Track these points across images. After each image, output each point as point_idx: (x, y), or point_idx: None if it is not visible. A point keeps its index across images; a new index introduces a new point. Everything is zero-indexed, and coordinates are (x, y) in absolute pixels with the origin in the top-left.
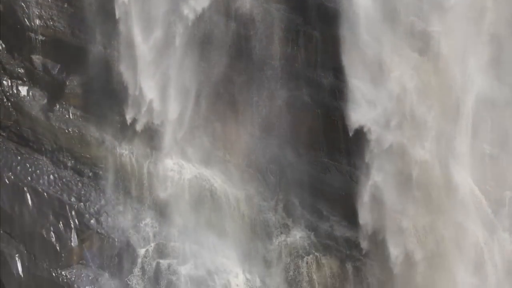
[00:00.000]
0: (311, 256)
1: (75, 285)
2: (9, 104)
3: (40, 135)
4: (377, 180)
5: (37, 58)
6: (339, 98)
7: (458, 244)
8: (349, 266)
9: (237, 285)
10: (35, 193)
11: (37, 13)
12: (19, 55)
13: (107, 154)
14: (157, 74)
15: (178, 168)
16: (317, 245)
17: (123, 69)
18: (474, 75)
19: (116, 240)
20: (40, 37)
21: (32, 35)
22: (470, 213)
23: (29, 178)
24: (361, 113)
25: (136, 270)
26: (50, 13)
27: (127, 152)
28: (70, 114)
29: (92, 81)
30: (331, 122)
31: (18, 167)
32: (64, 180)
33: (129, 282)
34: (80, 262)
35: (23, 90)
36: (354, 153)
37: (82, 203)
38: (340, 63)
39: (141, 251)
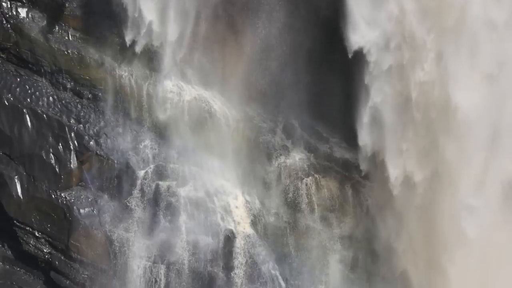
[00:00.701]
0: (310, 177)
1: (75, 207)
2: (9, 26)
3: (39, 56)
4: (376, 101)
5: None
6: (338, 20)
7: (458, 165)
8: (348, 188)
9: (237, 207)
10: (34, 114)
11: None
12: None
13: (106, 75)
14: None
15: (178, 90)
16: (317, 166)
17: None
18: None
19: (116, 161)
20: None
21: None
22: (470, 134)
23: (28, 99)
24: (360, 35)
25: (136, 192)
26: None
27: (126, 74)
28: (70, 36)
29: (91, 3)
30: (330, 44)
31: (17, 89)
32: (63, 101)
33: (128, 204)
34: (80, 183)
35: (23, 12)
36: (354, 75)
37: (81, 125)
38: None
39: (141, 173)
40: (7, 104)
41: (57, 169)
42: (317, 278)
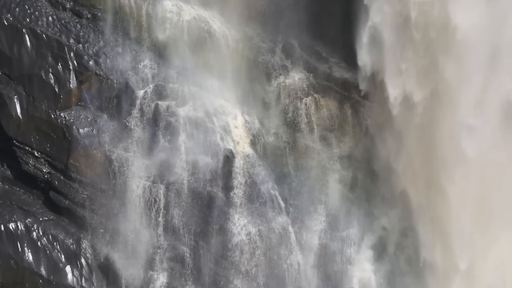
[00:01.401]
0: (309, 97)
1: (74, 127)
2: None
3: None
4: (375, 21)
5: None
6: None
7: (457, 84)
8: (347, 108)
9: (236, 127)
10: (33, 34)
11: None
12: None
13: None
14: None
15: (177, 10)
16: (316, 86)
17: None
18: None
19: (115, 81)
20: None
21: None
22: (470, 53)
23: (27, 19)
24: None
25: (135, 112)
26: None
27: None
28: None
29: None
30: None
31: (17, 9)
32: (63, 21)
33: (127, 124)
34: (79, 103)
35: None
36: None
37: (80, 45)
38: None
39: (140, 93)
40: (6, 24)
41: (56, 89)
42: (317, 197)
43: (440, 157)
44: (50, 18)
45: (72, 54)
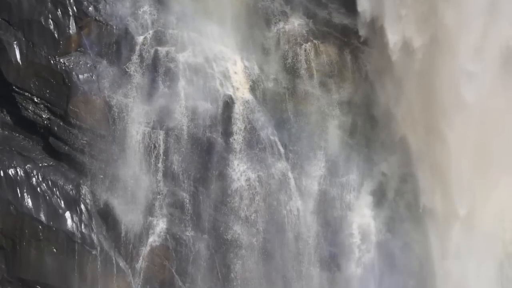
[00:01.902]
0: (309, 43)
1: (73, 73)
2: None
3: None
4: None
5: None
6: None
7: (457, 30)
8: (347, 53)
9: (235, 73)
10: None
11: None
12: None
13: None
14: None
15: None
16: (315, 32)
17: None
18: None
19: (115, 27)
20: None
21: None
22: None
23: None
24: None
25: (134, 58)
26: None
27: None
28: None
29: None
30: None
31: None
32: None
33: (127, 69)
34: (79, 49)
35: None
36: None
37: None
38: None
39: (139, 39)
40: None
41: (56, 35)
42: (316, 143)
43: (439, 103)
44: None
45: (71, 0)
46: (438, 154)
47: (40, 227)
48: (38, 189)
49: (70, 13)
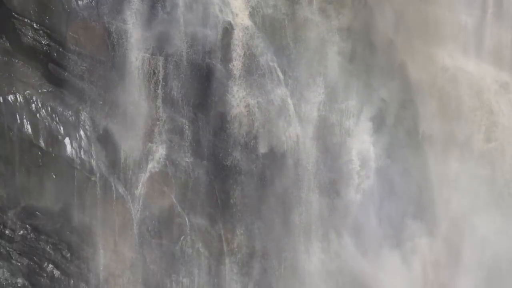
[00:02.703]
0: None
1: None
2: None
3: None
4: None
5: None
6: None
7: None
8: None
9: None
10: None
11: None
12: None
13: None
14: None
15: None
16: None
17: None
18: None
19: None
20: None
21: None
22: None
23: None
24: None
25: None
26: None
27: None
28: None
29: None
30: None
31: None
32: None
33: None
34: None
35: None
36: None
37: None
38: None
39: None
40: None
41: None
42: (316, 69)
43: (438, 30)
44: None
45: None
46: (438, 81)
47: (39, 153)
48: (38, 115)
49: None
